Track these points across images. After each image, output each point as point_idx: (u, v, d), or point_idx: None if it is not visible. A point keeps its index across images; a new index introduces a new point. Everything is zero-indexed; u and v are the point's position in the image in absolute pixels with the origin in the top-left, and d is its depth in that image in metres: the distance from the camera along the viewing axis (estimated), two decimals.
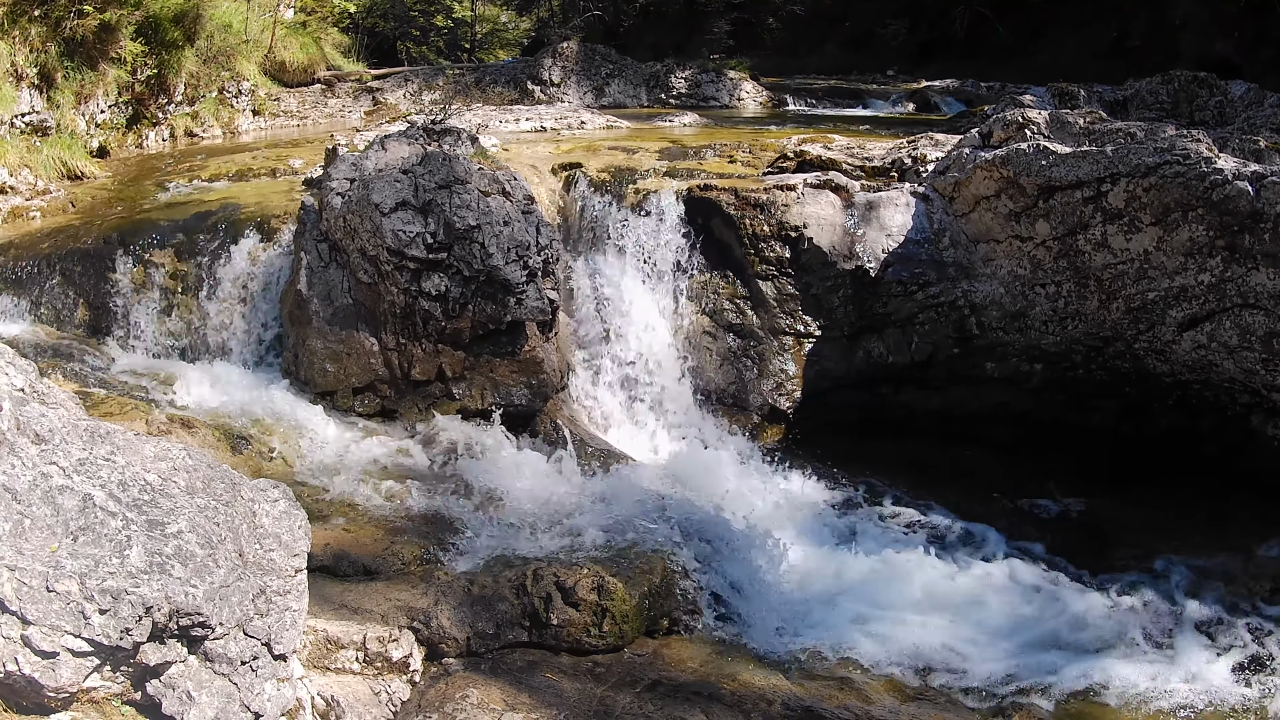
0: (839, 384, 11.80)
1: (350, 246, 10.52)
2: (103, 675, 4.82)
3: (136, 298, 11.49)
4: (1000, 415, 11.54)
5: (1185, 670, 7.92)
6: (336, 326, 10.62)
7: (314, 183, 12.39)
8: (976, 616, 8.63)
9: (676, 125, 18.19)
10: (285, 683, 5.54)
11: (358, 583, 7.72)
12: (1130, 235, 10.26)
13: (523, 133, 16.73)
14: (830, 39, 35.89)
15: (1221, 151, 10.57)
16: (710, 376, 11.75)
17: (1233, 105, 17.03)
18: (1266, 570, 9.42)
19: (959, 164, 11.68)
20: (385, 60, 30.19)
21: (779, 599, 8.50)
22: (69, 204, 13.26)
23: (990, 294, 11.41)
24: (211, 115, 18.92)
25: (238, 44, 19.90)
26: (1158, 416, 11.14)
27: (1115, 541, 9.95)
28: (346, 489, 9.15)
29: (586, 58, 24.09)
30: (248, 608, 5.28)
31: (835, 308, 11.70)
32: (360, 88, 22.78)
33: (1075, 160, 10.51)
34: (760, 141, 14.62)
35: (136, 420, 9.27)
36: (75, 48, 15.22)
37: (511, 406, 10.57)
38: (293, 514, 5.90)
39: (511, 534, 8.59)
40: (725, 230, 11.90)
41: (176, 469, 5.51)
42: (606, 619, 7.55)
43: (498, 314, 10.37)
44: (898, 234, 11.68)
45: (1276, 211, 9.38)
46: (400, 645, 6.93)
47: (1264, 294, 9.68)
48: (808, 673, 7.64)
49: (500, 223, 10.37)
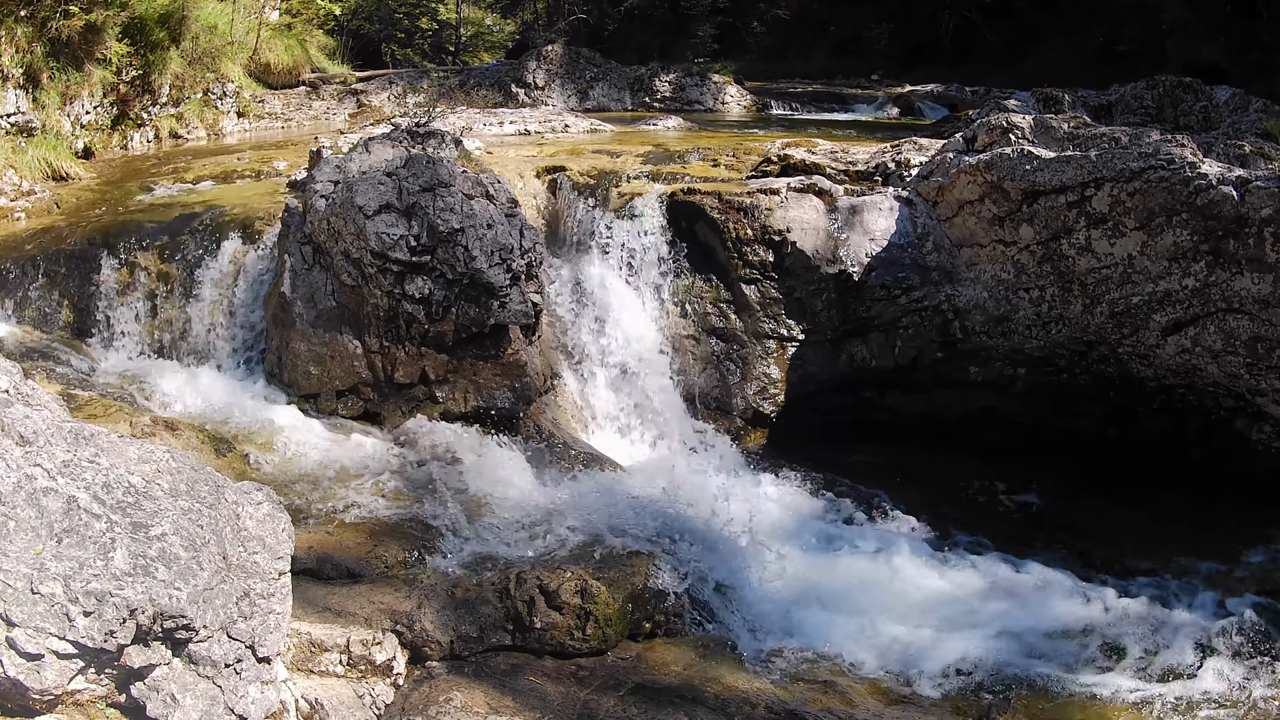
0: (823, 388, 11.81)
1: (334, 249, 10.52)
2: (87, 677, 4.82)
3: (121, 299, 11.48)
4: (985, 419, 11.56)
5: (1172, 673, 7.92)
6: (320, 329, 10.62)
7: (298, 185, 12.40)
8: (961, 620, 8.63)
9: (660, 129, 18.23)
10: (269, 685, 5.54)
11: (341, 586, 7.71)
12: (1114, 240, 10.28)
13: (507, 136, 16.76)
14: (816, 43, 35.91)
15: (1206, 156, 10.59)
16: (694, 380, 11.75)
17: (1218, 110, 17.05)
18: (1252, 574, 9.45)
19: (943, 168, 11.70)
20: (370, 62, 30.13)
21: (763, 602, 8.50)
22: (54, 205, 13.24)
23: (974, 298, 11.43)
24: (196, 117, 18.90)
25: (223, 45, 19.88)
26: (1143, 420, 11.17)
27: (1101, 545, 9.96)
28: (330, 492, 9.14)
29: (571, 61, 24.13)
30: (231, 610, 5.28)
31: (819, 312, 11.71)
32: (345, 90, 22.78)
33: (1059, 165, 10.54)
34: (744, 145, 14.66)
35: (120, 422, 9.26)
36: (61, 48, 15.19)
37: (495, 409, 10.57)
38: (276, 516, 5.90)
39: (495, 537, 8.59)
40: (709, 234, 11.91)
41: (160, 471, 5.51)
42: (590, 622, 7.56)
43: (481, 317, 10.37)
44: (881, 238, 11.70)
45: (1261, 216, 9.41)
46: (384, 648, 6.94)
47: (1248, 298, 9.70)
48: (791, 676, 7.64)
49: (484, 226, 10.37)
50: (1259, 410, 10.24)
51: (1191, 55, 23.74)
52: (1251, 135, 13.02)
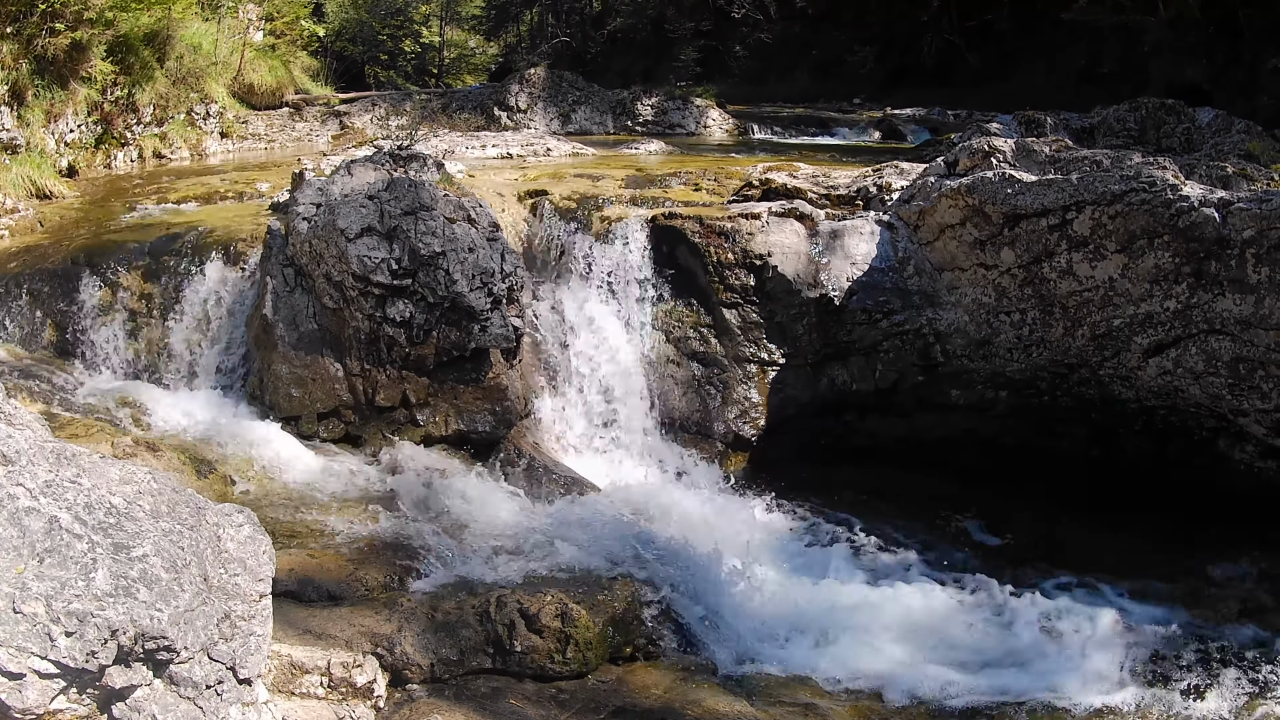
0: (803, 411, 11.83)
1: (316, 272, 10.53)
2: (69, 697, 4.81)
3: (103, 319, 11.46)
4: (966, 442, 11.58)
5: (1152, 693, 7.95)
6: (302, 351, 10.63)
7: (280, 207, 12.42)
8: (940, 641, 8.65)
9: (642, 153, 18.30)
10: (250, 707, 5.54)
11: (322, 608, 7.71)
12: (1095, 263, 10.32)
13: (489, 159, 16.80)
14: (798, 66, 35.99)
15: (1189, 178, 10.64)
16: (674, 404, 11.77)
17: (1200, 132, 17.14)
18: (1232, 593, 9.48)
19: (924, 192, 11.74)
20: (353, 84, 30.23)
21: (743, 625, 8.52)
22: (37, 223, 13.23)
23: (955, 321, 11.47)
24: (179, 136, 18.91)
25: (207, 65, 19.90)
26: (1125, 442, 11.19)
27: (1084, 566, 9.97)
28: (311, 514, 9.15)
29: (553, 84, 24.21)
30: (212, 632, 5.28)
31: (800, 335, 11.73)
32: (328, 111, 22.82)
33: (1041, 188, 10.57)
34: (726, 169, 14.69)
35: (102, 443, 9.25)
36: (46, 66, 15.19)
37: (475, 433, 10.59)
38: (257, 539, 5.90)
39: (475, 560, 8.60)
40: (690, 258, 11.94)
41: (142, 492, 5.51)
42: (570, 646, 7.56)
43: (462, 341, 10.40)
44: (862, 262, 11.73)
45: (1243, 238, 9.44)
46: (364, 671, 6.93)
47: (1230, 320, 9.72)
48: (771, 699, 7.65)
49: (465, 249, 10.40)
50: (1241, 430, 10.27)
51: (1174, 76, 23.85)
52: (1234, 156, 13.10)
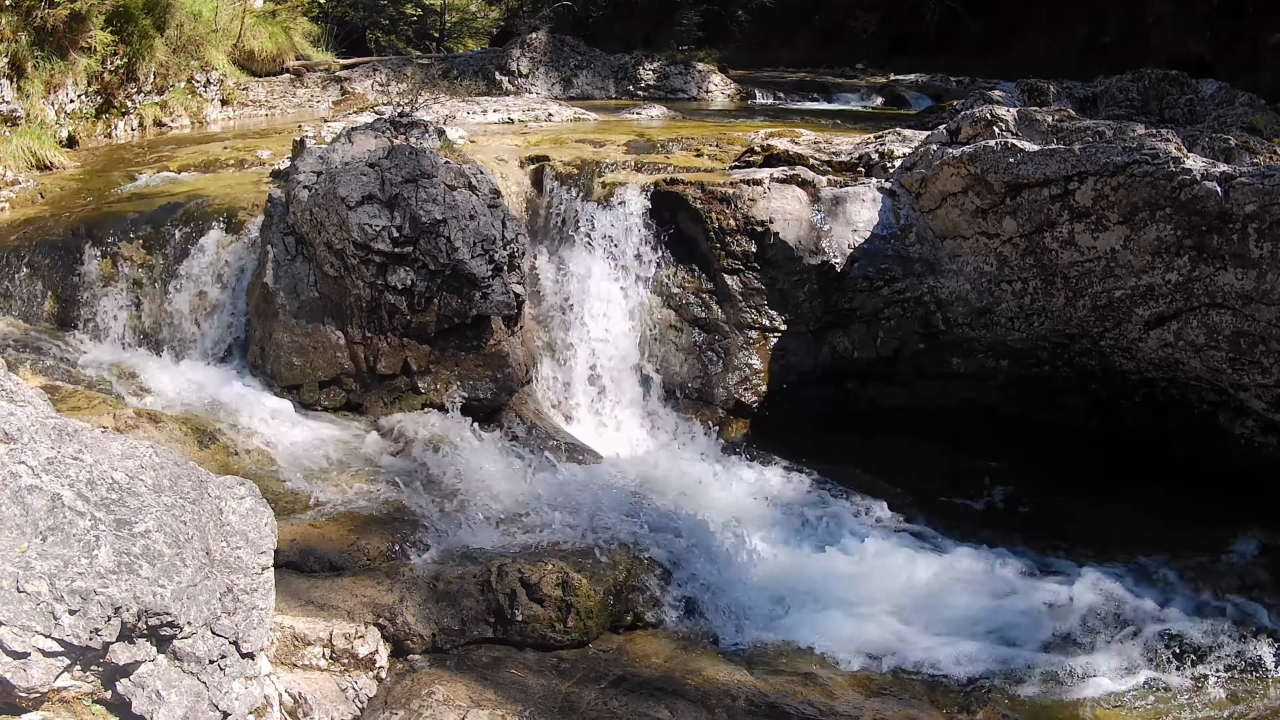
0: (804, 379, 11.82)
1: (317, 240, 10.53)
2: (73, 675, 4.84)
3: (104, 290, 11.46)
4: (967, 411, 11.57)
5: (1151, 667, 7.95)
6: (303, 320, 10.63)
7: (281, 175, 12.38)
8: (942, 612, 8.65)
9: (644, 118, 18.23)
10: (253, 680, 5.56)
11: (324, 579, 7.73)
12: (1097, 234, 10.30)
13: (490, 125, 16.73)
14: (801, 32, 35.88)
15: (1191, 150, 10.62)
16: (675, 371, 11.77)
17: (1203, 103, 17.10)
18: (1233, 568, 9.48)
19: (926, 160, 11.72)
20: (354, 49, 30.06)
21: (744, 594, 8.52)
22: (38, 195, 13.20)
23: (956, 290, 11.46)
24: (180, 105, 18.83)
25: (207, 33, 19.77)
26: (1126, 414, 11.19)
27: (1084, 538, 9.96)
28: (313, 484, 9.16)
29: (555, 49, 24.08)
30: (215, 606, 5.30)
31: (801, 303, 11.72)
32: (329, 77, 22.70)
33: (1043, 158, 10.54)
34: (727, 135, 14.64)
35: (104, 415, 9.26)
36: (45, 37, 15.15)
37: (477, 401, 10.60)
38: (259, 511, 5.91)
39: (476, 529, 8.62)
40: (691, 224, 11.91)
41: (144, 467, 5.52)
42: (571, 615, 7.60)
43: (463, 308, 10.40)
44: (864, 229, 11.70)
45: (1245, 212, 9.41)
46: (366, 642, 6.96)
47: (1231, 294, 9.69)
48: (772, 668, 7.67)
49: (466, 217, 10.39)
50: (1241, 405, 10.26)
51: (1176, 48, 23.79)
52: (1237, 129, 13.09)
